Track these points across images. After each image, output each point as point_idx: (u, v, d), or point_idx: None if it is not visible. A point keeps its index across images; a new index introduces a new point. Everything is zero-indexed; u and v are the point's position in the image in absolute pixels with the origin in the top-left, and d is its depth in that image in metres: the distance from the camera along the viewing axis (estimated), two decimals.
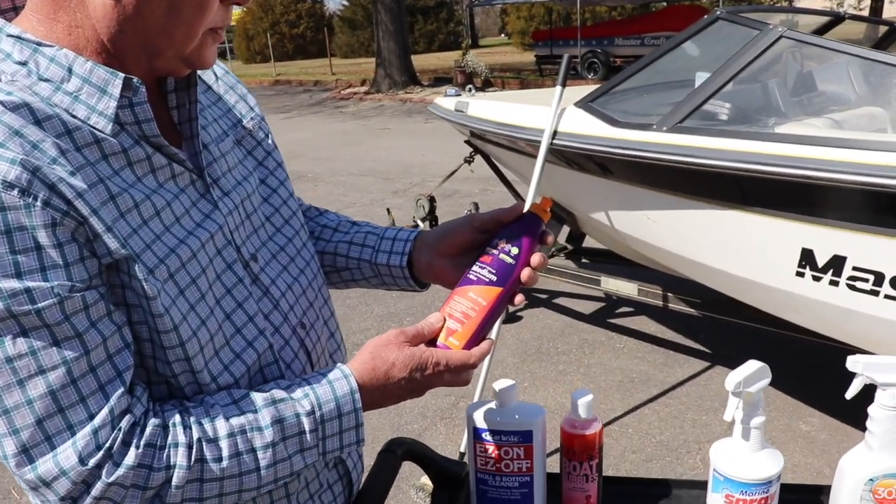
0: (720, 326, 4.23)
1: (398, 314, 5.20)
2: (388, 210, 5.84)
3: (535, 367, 4.38)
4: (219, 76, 1.19)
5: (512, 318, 5.02)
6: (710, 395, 3.95)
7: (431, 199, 5.37)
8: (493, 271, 1.10)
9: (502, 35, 44.47)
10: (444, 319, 1.08)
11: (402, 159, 10.71)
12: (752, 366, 1.10)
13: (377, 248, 1.27)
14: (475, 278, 1.10)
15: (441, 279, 1.22)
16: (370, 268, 1.28)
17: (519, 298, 1.14)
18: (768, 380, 1.11)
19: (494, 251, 1.12)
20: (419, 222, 5.42)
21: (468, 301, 1.09)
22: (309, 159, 11.26)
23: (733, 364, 1.15)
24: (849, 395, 1.13)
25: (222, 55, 42.33)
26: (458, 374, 1.06)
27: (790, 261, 2.93)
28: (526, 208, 1.17)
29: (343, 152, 11.82)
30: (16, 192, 0.79)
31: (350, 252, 1.29)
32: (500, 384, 1.21)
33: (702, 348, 4.50)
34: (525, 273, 1.11)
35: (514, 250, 1.11)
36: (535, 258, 1.12)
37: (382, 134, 13.56)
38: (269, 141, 1.21)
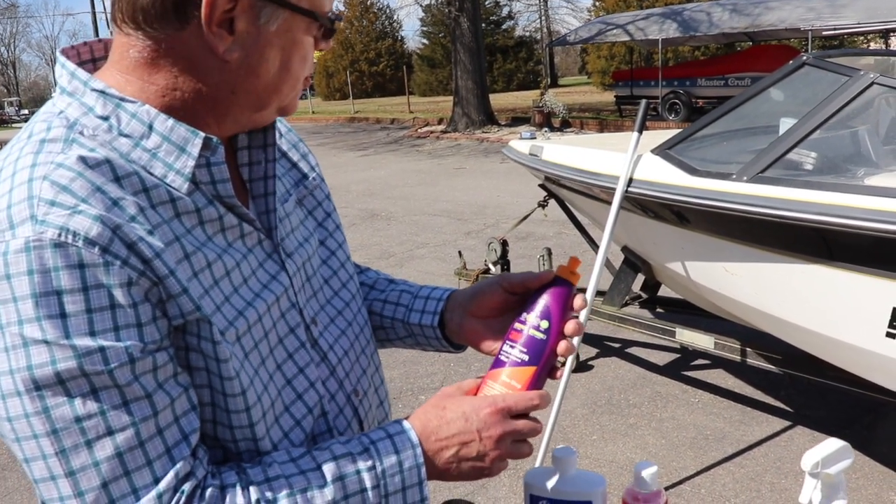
0: (803, 382, 4.02)
1: (466, 359, 5.11)
2: (459, 252, 5.80)
3: (604, 420, 4.24)
4: (283, 133, 1.19)
5: (582, 368, 4.89)
6: (790, 457, 3.73)
7: (504, 243, 5.29)
8: (524, 350, 1.04)
9: (582, 74, 44.49)
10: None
11: (477, 200, 10.71)
12: (832, 445, 1.02)
13: (410, 308, 1.23)
14: (506, 360, 1.05)
15: (471, 341, 1.17)
16: (403, 327, 1.24)
17: (560, 372, 1.08)
18: (850, 461, 1.02)
19: (523, 327, 1.06)
20: (490, 266, 5.35)
21: (501, 386, 1.04)
22: (384, 198, 11.37)
23: (816, 424, 1.05)
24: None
25: None
26: (516, 427, 0.99)
27: (880, 320, 2.76)
28: (599, 256, 1.11)
29: (418, 191, 11.90)
30: (97, 249, 0.79)
31: (384, 311, 1.26)
32: (560, 451, 1.16)
33: (782, 406, 4.27)
34: (562, 345, 1.05)
35: (544, 323, 1.05)
36: (570, 326, 1.06)
37: (458, 174, 13.61)
38: (329, 202, 1.20)
